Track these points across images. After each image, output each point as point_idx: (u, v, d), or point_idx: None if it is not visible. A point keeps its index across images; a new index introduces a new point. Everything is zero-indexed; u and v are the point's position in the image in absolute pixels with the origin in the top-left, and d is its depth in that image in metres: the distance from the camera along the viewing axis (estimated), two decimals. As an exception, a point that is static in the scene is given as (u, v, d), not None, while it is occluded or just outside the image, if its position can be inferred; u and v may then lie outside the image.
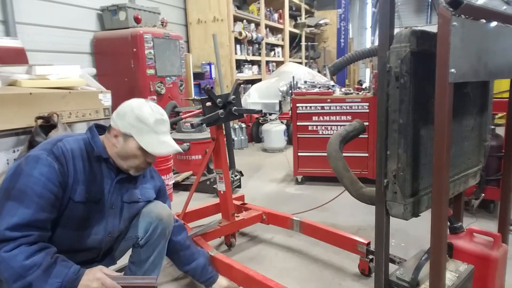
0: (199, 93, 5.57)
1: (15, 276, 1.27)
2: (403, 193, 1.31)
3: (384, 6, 1.26)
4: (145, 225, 1.73)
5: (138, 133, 1.52)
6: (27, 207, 1.31)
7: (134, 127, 1.52)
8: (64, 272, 1.33)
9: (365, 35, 13.86)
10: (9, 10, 3.63)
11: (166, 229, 1.79)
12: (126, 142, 1.53)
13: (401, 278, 1.48)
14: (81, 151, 1.49)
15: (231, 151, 3.77)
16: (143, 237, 1.73)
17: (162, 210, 1.78)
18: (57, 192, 1.39)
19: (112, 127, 1.55)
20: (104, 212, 1.57)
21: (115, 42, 4.45)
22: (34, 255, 1.30)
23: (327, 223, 2.55)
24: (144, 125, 1.53)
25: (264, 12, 7.83)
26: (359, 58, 5.91)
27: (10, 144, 2.47)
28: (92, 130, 1.59)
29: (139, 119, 1.52)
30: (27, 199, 1.32)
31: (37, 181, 1.34)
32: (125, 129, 1.52)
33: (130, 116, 1.53)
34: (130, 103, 1.57)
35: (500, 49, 1.32)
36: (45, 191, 1.35)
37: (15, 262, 1.27)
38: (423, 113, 1.33)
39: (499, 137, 2.77)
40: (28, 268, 1.27)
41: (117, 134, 1.53)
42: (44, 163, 1.37)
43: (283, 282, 1.80)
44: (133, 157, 1.55)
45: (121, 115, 1.54)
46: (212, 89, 2.36)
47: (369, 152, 3.70)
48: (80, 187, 1.46)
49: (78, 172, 1.46)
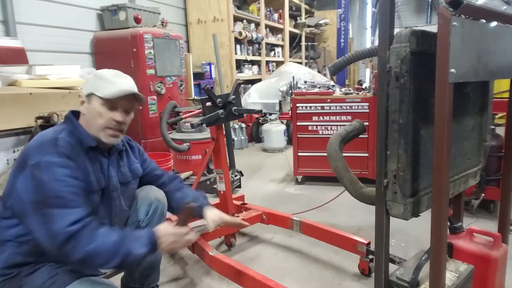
0: (199, 93, 5.57)
1: (113, 255, 1.32)
2: (403, 193, 1.31)
3: (384, 6, 1.26)
4: (145, 208, 1.80)
5: (98, 88, 1.50)
6: (74, 207, 1.34)
7: (93, 85, 1.51)
8: (142, 233, 1.43)
9: (365, 35, 13.86)
10: (9, 10, 3.63)
11: (164, 209, 1.87)
12: (90, 103, 1.51)
13: (401, 278, 1.48)
14: (77, 145, 1.49)
15: (231, 151, 3.77)
16: (145, 219, 1.79)
17: (158, 192, 1.86)
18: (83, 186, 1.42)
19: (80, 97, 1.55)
20: (109, 196, 1.60)
21: (115, 42, 4.45)
22: (113, 232, 1.37)
23: (327, 223, 2.54)
24: (102, 81, 1.51)
25: (264, 12, 7.83)
26: (359, 58, 5.90)
27: (10, 144, 2.47)
28: (71, 119, 1.55)
29: (97, 76, 1.54)
30: (69, 202, 1.33)
31: (65, 182, 1.35)
32: (87, 90, 1.51)
33: (90, 78, 1.56)
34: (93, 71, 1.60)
35: (500, 49, 1.32)
36: (76, 189, 1.38)
37: (105, 245, 1.32)
38: (423, 113, 1.33)
39: (499, 137, 2.77)
40: (118, 242, 1.34)
41: (83, 100, 1.53)
42: (61, 165, 1.37)
43: (283, 282, 1.80)
44: (98, 116, 1.50)
45: (86, 81, 1.58)
46: (212, 89, 2.36)
47: (369, 152, 3.70)
48: (91, 178, 1.49)
49: (85, 163, 1.48)
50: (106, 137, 1.54)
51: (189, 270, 2.36)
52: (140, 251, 1.37)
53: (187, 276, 2.31)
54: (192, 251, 2.31)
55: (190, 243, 1.58)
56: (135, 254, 1.36)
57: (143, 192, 1.84)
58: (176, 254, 2.56)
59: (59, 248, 1.28)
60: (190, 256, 2.46)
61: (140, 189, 1.86)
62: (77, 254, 1.28)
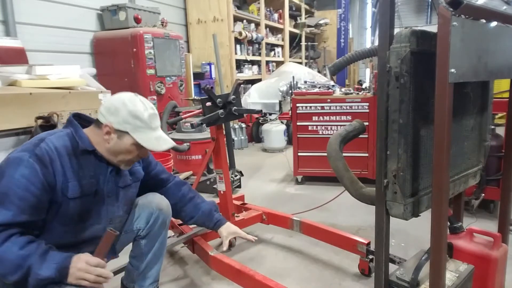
0: (199, 93, 5.57)
1: (13, 267, 1.26)
2: (403, 193, 1.31)
3: (384, 6, 1.26)
4: (146, 216, 1.76)
5: (134, 129, 1.48)
6: (7, 209, 1.29)
7: (129, 124, 1.48)
8: (58, 256, 1.34)
9: (365, 35, 13.86)
10: (9, 10, 3.63)
11: (166, 219, 1.82)
12: (121, 139, 1.49)
13: (401, 278, 1.48)
14: (66, 148, 1.45)
15: (231, 151, 3.77)
16: (145, 228, 1.76)
17: (161, 201, 1.81)
18: (40, 195, 1.36)
19: (103, 123, 1.49)
20: (102, 202, 1.57)
21: (115, 42, 4.45)
22: (27, 245, 1.30)
23: (327, 223, 2.55)
24: (139, 121, 1.49)
25: (264, 12, 7.83)
26: (359, 58, 5.91)
27: (10, 144, 2.47)
28: (73, 123, 1.53)
29: (133, 115, 1.48)
30: (7, 201, 1.30)
31: (18, 183, 1.32)
32: (119, 126, 1.47)
33: (123, 112, 1.47)
34: (120, 98, 1.51)
35: (500, 49, 1.32)
36: (26, 193, 1.32)
37: (10, 253, 1.26)
38: (423, 113, 1.33)
39: (499, 137, 2.77)
40: (25, 256, 1.27)
41: (110, 131, 1.48)
42: (26, 165, 1.34)
43: (283, 282, 1.80)
44: (126, 153, 1.52)
45: (113, 111, 1.48)
46: (212, 89, 2.36)
47: (369, 152, 3.70)
48: (72, 183, 1.44)
49: (66, 169, 1.43)
50: (125, 166, 1.58)
51: (189, 270, 2.36)
52: (43, 273, 1.28)
53: (187, 276, 2.30)
54: (192, 251, 2.31)
55: (103, 280, 1.38)
56: (37, 274, 1.28)
57: (145, 199, 1.79)
58: (176, 254, 2.57)
59: None
60: (190, 256, 2.46)
61: (144, 196, 1.81)
62: None
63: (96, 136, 1.52)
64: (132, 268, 1.82)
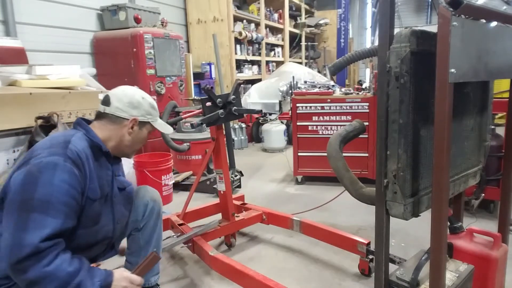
0: (199, 93, 5.57)
1: (63, 284, 1.27)
2: (403, 193, 1.31)
3: (384, 6, 1.26)
4: (141, 208, 1.81)
5: (153, 119, 1.66)
6: (54, 217, 1.28)
7: (150, 114, 1.64)
8: (99, 272, 1.38)
9: (365, 35, 13.86)
10: (9, 10, 3.63)
11: (160, 210, 1.88)
12: (141, 129, 1.63)
13: (401, 278, 1.48)
14: (89, 150, 1.48)
15: (231, 151, 3.77)
16: (141, 219, 1.80)
17: (153, 193, 1.89)
18: (79, 198, 1.38)
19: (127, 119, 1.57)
20: (111, 202, 1.60)
21: (115, 42, 4.45)
22: (73, 261, 1.31)
23: (327, 223, 2.55)
24: (155, 111, 1.67)
25: (264, 12, 7.83)
26: (359, 58, 5.90)
27: (10, 144, 2.47)
28: (83, 125, 1.56)
29: (153, 106, 1.66)
30: (52, 209, 1.28)
31: (60, 189, 1.30)
32: (143, 117, 1.61)
33: (145, 105, 1.62)
34: (137, 93, 1.63)
35: (500, 49, 1.32)
36: (69, 199, 1.33)
37: (61, 271, 1.27)
38: (423, 113, 1.33)
39: (499, 137, 2.77)
40: (73, 274, 1.29)
41: (134, 124, 1.59)
42: (64, 169, 1.32)
43: (283, 282, 1.80)
44: (141, 141, 1.67)
45: (136, 105, 1.59)
46: (212, 89, 2.36)
47: (369, 152, 3.70)
48: (94, 185, 1.47)
49: (91, 171, 1.46)
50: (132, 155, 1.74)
51: (189, 270, 2.36)
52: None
53: (187, 276, 2.31)
54: (192, 251, 2.31)
55: None
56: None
57: (138, 193, 1.85)
58: (176, 254, 2.57)
59: (19, 260, 1.21)
60: (190, 256, 2.46)
61: (136, 191, 1.86)
62: (33, 272, 1.21)
63: (108, 132, 1.57)
64: (130, 266, 1.82)
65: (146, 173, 3.39)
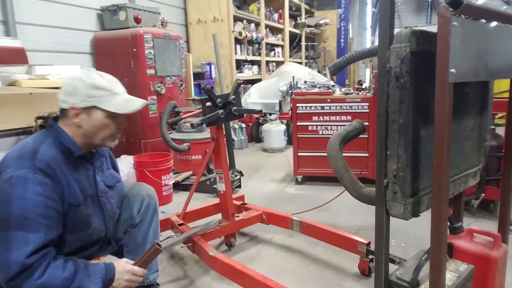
0: (199, 93, 5.57)
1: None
2: (403, 193, 1.31)
3: (384, 6, 1.26)
4: (137, 204, 1.80)
5: (100, 101, 1.43)
6: (35, 231, 1.26)
7: (93, 97, 1.41)
8: (98, 268, 1.39)
9: (365, 35, 13.86)
10: (9, 10, 3.63)
11: (156, 205, 1.87)
12: (91, 116, 1.43)
13: (401, 278, 1.48)
14: (60, 155, 1.41)
15: (231, 151, 3.77)
16: (137, 216, 1.79)
17: (149, 188, 1.88)
18: (58, 207, 1.35)
19: (67, 109, 1.42)
20: (99, 202, 1.57)
21: (115, 42, 4.45)
22: (67, 265, 1.31)
23: (327, 223, 2.55)
24: (101, 91, 1.43)
25: (264, 12, 7.82)
26: (359, 58, 5.89)
27: (10, 144, 2.48)
28: (55, 127, 1.46)
29: (94, 86, 1.42)
30: (32, 224, 1.26)
31: (35, 202, 1.27)
32: (85, 103, 1.41)
33: (82, 88, 1.41)
34: (74, 77, 1.45)
35: (500, 49, 1.32)
36: (47, 210, 1.30)
37: (55, 279, 1.26)
38: (423, 113, 1.33)
39: (499, 137, 2.77)
40: (69, 278, 1.29)
41: (78, 112, 1.42)
42: (35, 182, 1.28)
43: (283, 282, 1.80)
44: (103, 128, 1.46)
45: (72, 91, 1.41)
46: (212, 89, 2.36)
47: (369, 152, 3.70)
48: (74, 191, 1.42)
49: (67, 177, 1.40)
50: (111, 143, 1.54)
51: (189, 270, 2.36)
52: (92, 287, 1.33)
53: (187, 276, 2.31)
54: (192, 251, 2.31)
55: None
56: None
57: (134, 189, 1.84)
58: (176, 254, 2.57)
59: (10, 278, 1.21)
60: (190, 256, 2.46)
61: (130, 187, 1.86)
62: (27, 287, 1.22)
63: (68, 127, 1.45)
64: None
65: (146, 173, 3.39)
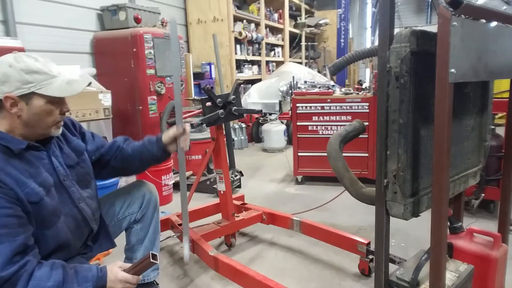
0: (199, 93, 5.56)
1: None
2: (403, 193, 1.31)
3: (384, 6, 1.26)
4: (138, 200, 1.80)
5: (38, 85, 1.30)
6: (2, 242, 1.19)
7: (29, 83, 1.28)
8: (90, 275, 1.32)
9: (365, 35, 13.86)
10: (9, 10, 3.63)
11: (156, 201, 1.87)
12: (31, 104, 1.30)
13: (401, 278, 1.48)
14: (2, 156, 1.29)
15: (231, 151, 3.77)
16: (138, 212, 1.80)
17: (149, 185, 1.88)
18: (15, 212, 1.25)
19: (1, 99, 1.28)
20: (63, 188, 1.47)
21: (115, 42, 4.44)
22: (53, 273, 1.25)
23: (327, 223, 2.54)
24: (38, 75, 1.30)
25: (264, 12, 7.82)
26: (359, 58, 5.89)
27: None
28: None
29: (28, 71, 1.28)
30: None
31: None
32: (20, 90, 1.27)
33: (14, 74, 1.27)
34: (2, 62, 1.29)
35: (500, 49, 1.32)
36: (2, 219, 1.21)
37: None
38: (423, 113, 1.33)
39: (499, 137, 2.77)
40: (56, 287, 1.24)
41: (14, 101, 1.28)
42: None
43: (283, 282, 1.79)
44: (46, 115, 1.34)
45: (3, 80, 1.27)
46: (212, 89, 2.36)
47: (369, 152, 3.70)
48: (30, 187, 1.31)
49: (16, 177, 1.28)
50: (56, 131, 1.42)
51: (189, 270, 2.36)
52: None
53: (187, 276, 2.31)
54: (192, 251, 2.31)
55: None
56: None
57: (135, 186, 1.85)
58: (176, 254, 2.57)
59: None
60: (190, 256, 2.45)
61: (131, 184, 1.87)
62: None
63: (6, 120, 1.32)
64: (128, 262, 1.82)
65: (146, 173, 3.39)
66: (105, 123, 3.57)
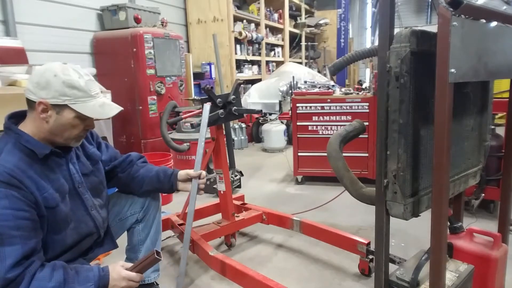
0: (199, 93, 5.56)
1: None
2: (403, 193, 1.31)
3: (384, 6, 1.26)
4: (141, 200, 1.81)
5: (74, 100, 1.34)
6: (11, 244, 1.22)
7: (66, 96, 1.32)
8: (91, 275, 1.33)
9: (365, 35, 13.87)
10: (9, 10, 3.63)
11: (159, 201, 1.88)
12: (61, 114, 1.35)
13: (401, 278, 1.48)
14: (24, 160, 1.32)
15: (231, 151, 3.77)
16: (140, 211, 1.81)
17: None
18: (32, 215, 1.28)
19: (36, 102, 1.32)
20: (78, 195, 1.51)
21: (115, 42, 4.45)
22: (55, 273, 1.26)
23: (327, 223, 2.54)
24: (76, 91, 1.34)
25: (264, 12, 7.82)
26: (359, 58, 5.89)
27: (10, 144, 2.47)
28: (13, 129, 1.37)
29: (69, 85, 1.33)
30: (6, 238, 1.21)
31: (4, 217, 1.22)
32: (56, 100, 1.32)
33: (56, 84, 1.32)
34: (49, 69, 1.35)
35: (500, 49, 1.32)
36: (19, 221, 1.24)
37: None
38: (423, 113, 1.33)
39: (499, 137, 2.77)
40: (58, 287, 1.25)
41: (46, 108, 1.32)
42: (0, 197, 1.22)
43: (283, 282, 1.79)
44: (71, 128, 1.38)
45: (44, 85, 1.32)
46: (212, 89, 2.36)
47: (369, 152, 3.70)
48: (48, 192, 1.35)
49: (37, 181, 1.32)
50: (75, 143, 1.46)
51: (189, 270, 2.36)
52: None
53: (187, 276, 2.30)
54: (192, 251, 2.31)
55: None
56: None
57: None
58: (176, 254, 2.56)
59: None
60: (190, 256, 2.46)
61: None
62: None
63: (33, 122, 1.36)
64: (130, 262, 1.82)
65: (146, 173, 3.39)
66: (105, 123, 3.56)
